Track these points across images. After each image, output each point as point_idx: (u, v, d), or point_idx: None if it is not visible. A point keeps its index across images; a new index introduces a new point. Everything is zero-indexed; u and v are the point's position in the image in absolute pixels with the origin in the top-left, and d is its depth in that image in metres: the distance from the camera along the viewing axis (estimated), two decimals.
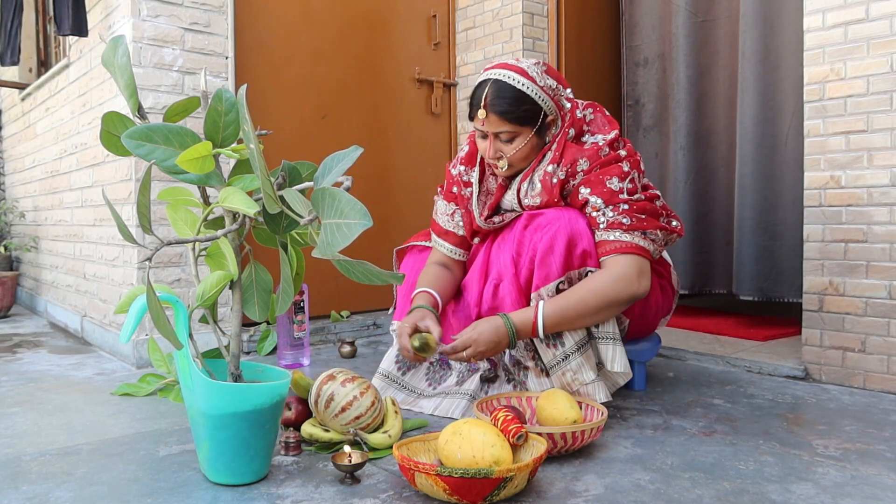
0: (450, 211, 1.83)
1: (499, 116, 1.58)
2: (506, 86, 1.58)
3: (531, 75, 1.59)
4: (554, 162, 1.60)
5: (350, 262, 1.14)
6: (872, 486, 1.20)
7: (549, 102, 1.61)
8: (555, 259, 1.54)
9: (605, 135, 1.63)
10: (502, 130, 1.59)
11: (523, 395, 1.57)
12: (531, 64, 1.62)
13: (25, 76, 3.70)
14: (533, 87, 1.58)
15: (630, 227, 1.55)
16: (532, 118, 1.59)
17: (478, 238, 1.78)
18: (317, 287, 2.61)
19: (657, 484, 1.22)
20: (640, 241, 1.55)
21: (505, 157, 1.62)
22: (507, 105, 1.57)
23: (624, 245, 1.54)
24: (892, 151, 1.83)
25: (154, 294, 1.07)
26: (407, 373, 1.80)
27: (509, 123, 1.58)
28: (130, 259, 2.26)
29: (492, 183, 1.75)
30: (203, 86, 1.25)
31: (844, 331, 1.92)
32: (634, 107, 3.17)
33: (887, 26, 1.83)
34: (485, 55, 3.11)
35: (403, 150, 3.08)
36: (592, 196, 1.57)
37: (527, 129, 1.60)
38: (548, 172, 1.61)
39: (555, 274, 1.54)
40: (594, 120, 1.67)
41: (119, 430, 1.54)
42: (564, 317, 1.51)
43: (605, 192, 1.56)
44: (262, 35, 2.62)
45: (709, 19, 2.86)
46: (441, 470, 1.09)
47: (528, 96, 1.58)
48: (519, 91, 1.57)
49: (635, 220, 1.55)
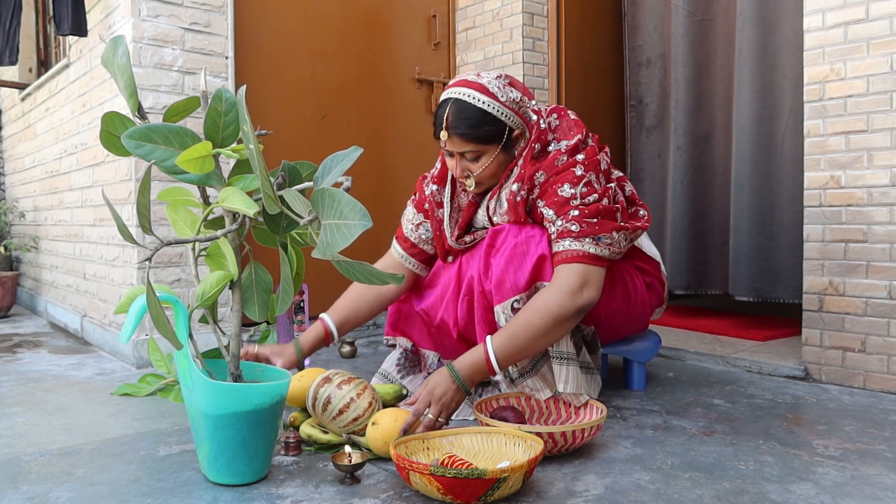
0: (416, 221, 1.81)
1: (460, 137, 1.55)
2: (466, 105, 1.54)
3: (492, 91, 1.54)
4: (518, 180, 1.58)
5: (350, 262, 1.14)
6: (872, 486, 1.20)
7: (514, 117, 1.57)
8: (509, 278, 1.53)
9: (568, 140, 1.59)
10: (466, 150, 1.57)
11: (522, 395, 1.56)
12: (492, 78, 1.57)
13: (25, 76, 3.70)
14: (494, 104, 1.54)
15: (580, 234, 1.49)
16: (496, 136, 1.56)
17: (451, 257, 1.75)
18: (317, 287, 2.60)
19: (657, 484, 1.22)
20: (589, 248, 1.49)
21: (472, 175, 1.60)
22: (467, 126, 1.53)
23: (571, 254, 1.49)
24: (892, 151, 1.83)
25: (154, 294, 1.07)
26: (406, 376, 1.80)
27: (472, 143, 1.55)
28: (130, 259, 2.26)
29: (462, 199, 1.73)
30: (203, 86, 1.25)
31: (844, 331, 1.92)
32: (637, 107, 3.17)
33: (887, 26, 1.83)
34: (485, 55, 3.11)
35: (403, 150, 3.07)
36: (545, 208, 1.54)
37: (492, 146, 1.57)
38: (512, 191, 1.58)
39: (509, 293, 1.53)
40: (559, 126, 1.64)
41: (119, 430, 1.54)
42: (515, 345, 1.45)
43: (555, 201, 1.53)
44: (262, 35, 2.62)
45: (707, 18, 2.86)
46: (434, 469, 1.09)
47: (490, 114, 1.54)
48: (479, 110, 1.53)
49: (585, 226, 1.49)
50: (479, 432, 1.33)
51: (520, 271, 1.53)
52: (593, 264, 1.49)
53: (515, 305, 1.53)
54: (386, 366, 1.81)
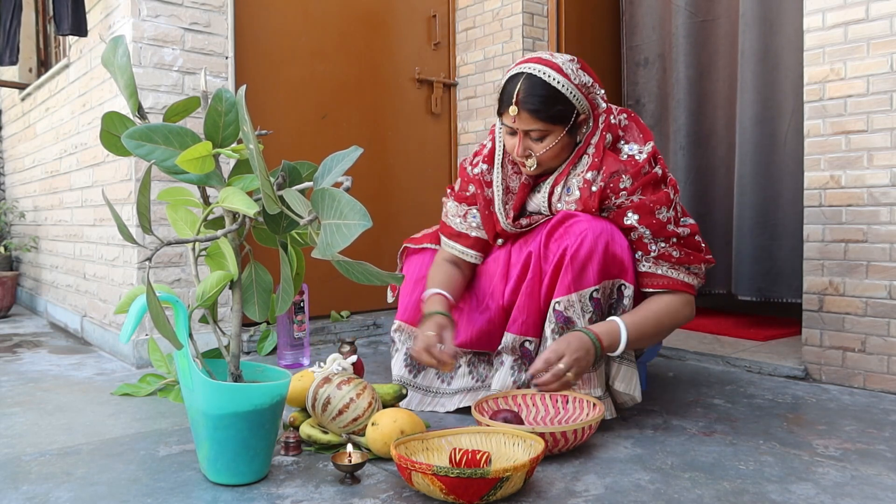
0: (461, 212, 1.77)
1: (530, 114, 1.51)
2: (539, 82, 1.51)
3: (566, 72, 1.52)
4: (593, 168, 1.55)
5: (349, 262, 1.14)
6: (872, 486, 1.20)
7: (583, 101, 1.55)
8: (592, 266, 1.49)
9: (640, 146, 1.58)
10: (533, 128, 1.53)
11: (519, 393, 1.56)
12: (566, 60, 1.55)
13: (25, 76, 3.70)
14: (567, 84, 1.52)
15: (678, 261, 1.55)
16: (564, 117, 1.53)
17: (500, 240, 1.72)
18: (317, 287, 2.60)
19: (657, 484, 1.22)
20: (684, 278, 1.56)
21: (534, 155, 1.57)
22: (539, 103, 1.50)
23: (672, 281, 1.55)
24: (892, 151, 1.83)
25: (154, 294, 1.07)
26: (418, 375, 1.75)
27: (541, 122, 1.52)
28: (130, 259, 2.26)
29: (514, 182, 1.69)
30: (203, 86, 1.25)
31: (844, 331, 1.92)
32: (635, 107, 3.17)
33: (887, 26, 1.83)
34: (485, 55, 3.11)
35: (403, 151, 3.07)
36: (641, 225, 1.53)
37: (559, 127, 1.54)
38: (587, 180, 1.55)
39: (591, 280, 1.50)
40: (628, 126, 1.62)
41: (119, 430, 1.54)
42: (641, 336, 1.50)
43: (654, 223, 1.52)
44: (262, 35, 2.62)
45: (708, 19, 2.86)
46: (437, 469, 1.09)
47: (562, 94, 1.51)
48: (553, 88, 1.50)
49: (683, 255, 1.56)
50: (478, 432, 1.33)
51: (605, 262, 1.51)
52: (690, 293, 1.58)
53: (595, 295, 1.51)
54: (396, 370, 1.76)
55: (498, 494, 1.12)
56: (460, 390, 1.70)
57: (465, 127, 3.19)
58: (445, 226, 1.81)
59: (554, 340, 1.48)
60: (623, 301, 1.55)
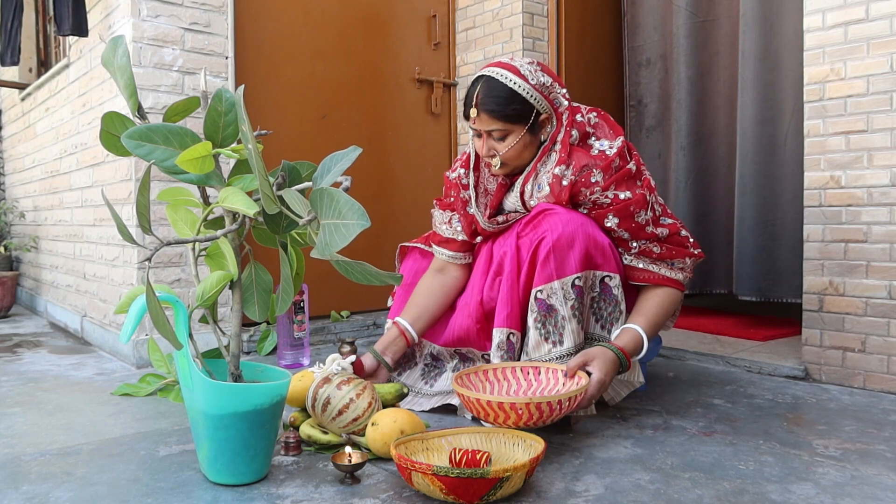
0: (446, 219, 1.83)
1: (489, 114, 1.59)
2: (496, 84, 1.58)
3: (523, 73, 1.59)
4: (562, 164, 1.59)
5: (349, 262, 1.14)
6: (872, 486, 1.20)
7: (542, 101, 1.61)
8: (574, 254, 1.52)
9: (611, 141, 1.62)
10: (493, 128, 1.60)
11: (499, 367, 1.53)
12: (525, 62, 1.63)
13: (25, 76, 3.70)
14: (524, 84, 1.58)
15: (659, 257, 1.61)
16: (523, 116, 1.59)
17: (480, 238, 1.78)
18: (317, 287, 2.60)
19: (657, 484, 1.22)
20: (667, 273, 1.61)
21: (498, 154, 1.63)
22: (495, 104, 1.57)
23: (655, 276, 1.61)
24: (892, 151, 1.83)
25: (154, 294, 1.07)
26: (403, 373, 1.81)
27: (499, 121, 1.59)
28: (130, 259, 2.26)
29: (491, 184, 1.74)
30: (203, 86, 1.25)
31: (844, 331, 1.92)
32: (637, 107, 3.17)
33: (887, 26, 1.83)
34: (485, 55, 3.11)
35: (403, 150, 3.07)
36: (620, 228, 1.58)
37: (518, 126, 1.60)
38: (556, 175, 1.60)
39: (572, 268, 1.51)
40: (599, 124, 1.66)
41: (119, 430, 1.54)
42: (655, 325, 1.59)
43: (633, 226, 1.58)
44: (262, 35, 2.62)
45: (709, 19, 2.86)
46: (437, 469, 1.09)
47: (518, 94, 1.58)
48: (509, 89, 1.58)
49: (665, 250, 1.61)
50: (478, 432, 1.33)
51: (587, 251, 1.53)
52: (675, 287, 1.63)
53: (577, 283, 1.53)
54: None
55: (498, 494, 1.12)
56: (440, 392, 1.72)
57: (466, 127, 3.19)
58: (436, 234, 1.88)
59: (536, 329, 1.53)
60: (613, 292, 1.58)
